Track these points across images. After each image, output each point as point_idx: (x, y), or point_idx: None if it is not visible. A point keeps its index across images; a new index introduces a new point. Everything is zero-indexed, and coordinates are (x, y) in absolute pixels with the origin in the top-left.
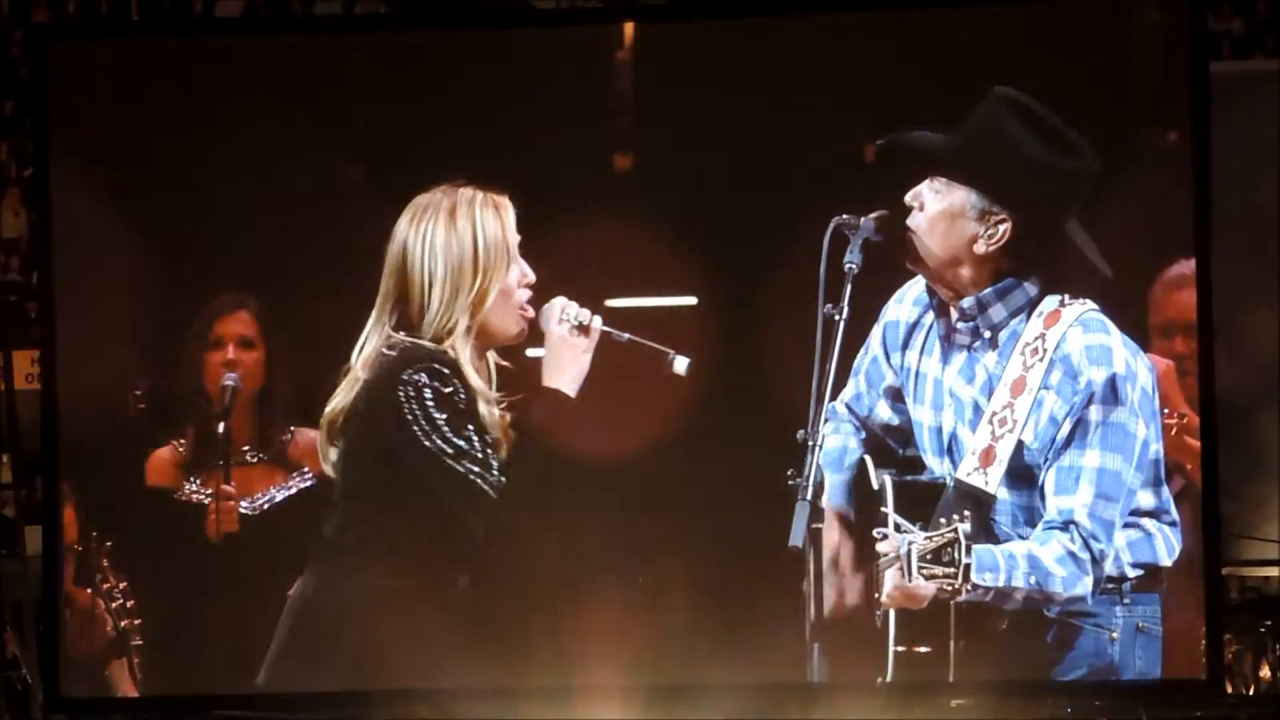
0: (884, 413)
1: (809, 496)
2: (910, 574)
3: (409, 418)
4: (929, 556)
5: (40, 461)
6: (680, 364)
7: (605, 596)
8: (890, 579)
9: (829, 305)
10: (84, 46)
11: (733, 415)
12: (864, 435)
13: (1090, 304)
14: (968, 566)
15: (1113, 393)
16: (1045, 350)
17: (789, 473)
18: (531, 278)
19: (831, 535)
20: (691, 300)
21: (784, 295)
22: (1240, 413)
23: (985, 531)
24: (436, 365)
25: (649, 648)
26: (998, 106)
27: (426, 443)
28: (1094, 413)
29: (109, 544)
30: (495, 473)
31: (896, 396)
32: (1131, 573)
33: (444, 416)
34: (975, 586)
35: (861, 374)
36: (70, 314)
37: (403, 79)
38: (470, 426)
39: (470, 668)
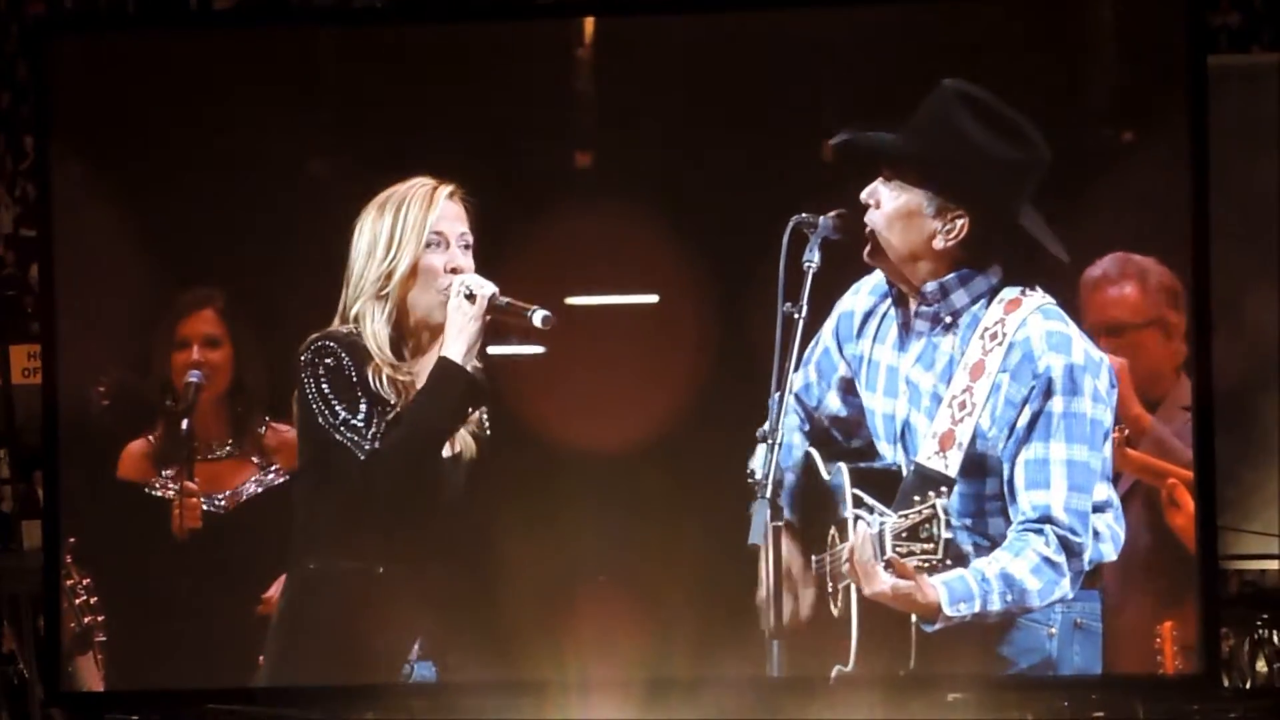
0: (833, 404)
1: (768, 494)
2: (883, 552)
3: (308, 397)
4: (904, 534)
5: (37, 456)
6: (538, 317)
7: (585, 594)
8: (862, 552)
9: (788, 303)
10: (78, 40)
11: (693, 413)
12: (809, 428)
13: (1049, 297)
14: (949, 542)
15: (1072, 382)
16: (1005, 335)
17: (749, 470)
18: (459, 264)
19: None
20: (653, 298)
21: (745, 293)
22: (1237, 396)
23: None
24: (324, 342)
25: (642, 643)
26: (947, 100)
27: (320, 420)
28: (1056, 404)
29: (73, 540)
30: (370, 438)
31: (848, 388)
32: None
33: (331, 391)
34: (949, 618)
35: (812, 364)
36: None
37: (368, 75)
38: (362, 398)
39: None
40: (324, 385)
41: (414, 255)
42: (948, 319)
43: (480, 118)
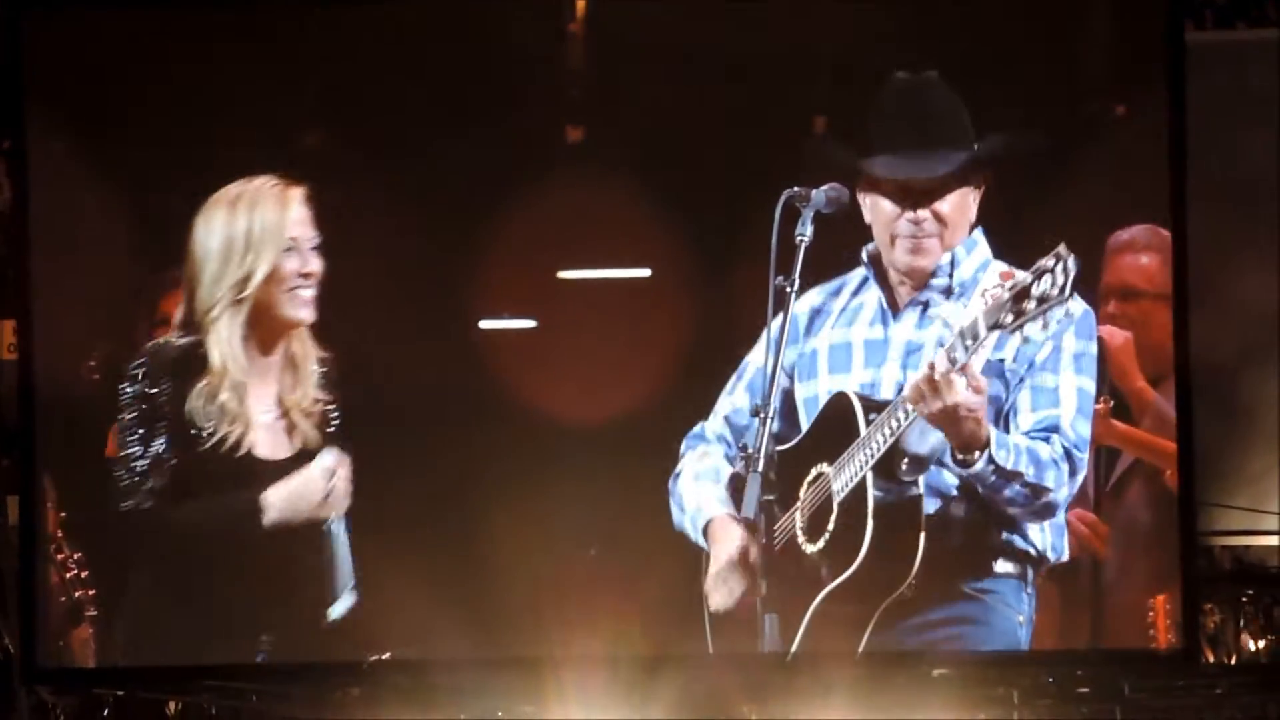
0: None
1: (760, 469)
2: (975, 340)
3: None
4: (1009, 299)
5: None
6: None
7: (576, 569)
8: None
9: (780, 277)
10: (56, 15)
11: (685, 386)
12: (733, 453)
13: None
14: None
15: (1087, 326)
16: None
17: (740, 445)
18: (310, 268)
19: (731, 533)
20: (645, 272)
21: (737, 267)
22: (1226, 373)
23: None
24: (140, 368)
25: (627, 619)
26: (931, 87)
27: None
28: (1069, 341)
29: (63, 515)
30: (149, 481)
31: (785, 400)
32: (1051, 555)
33: (132, 422)
34: (991, 459)
35: (742, 385)
36: (37, 284)
37: (356, 50)
38: (161, 429)
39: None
40: (126, 414)
41: (272, 260)
42: (957, 288)
43: (472, 93)
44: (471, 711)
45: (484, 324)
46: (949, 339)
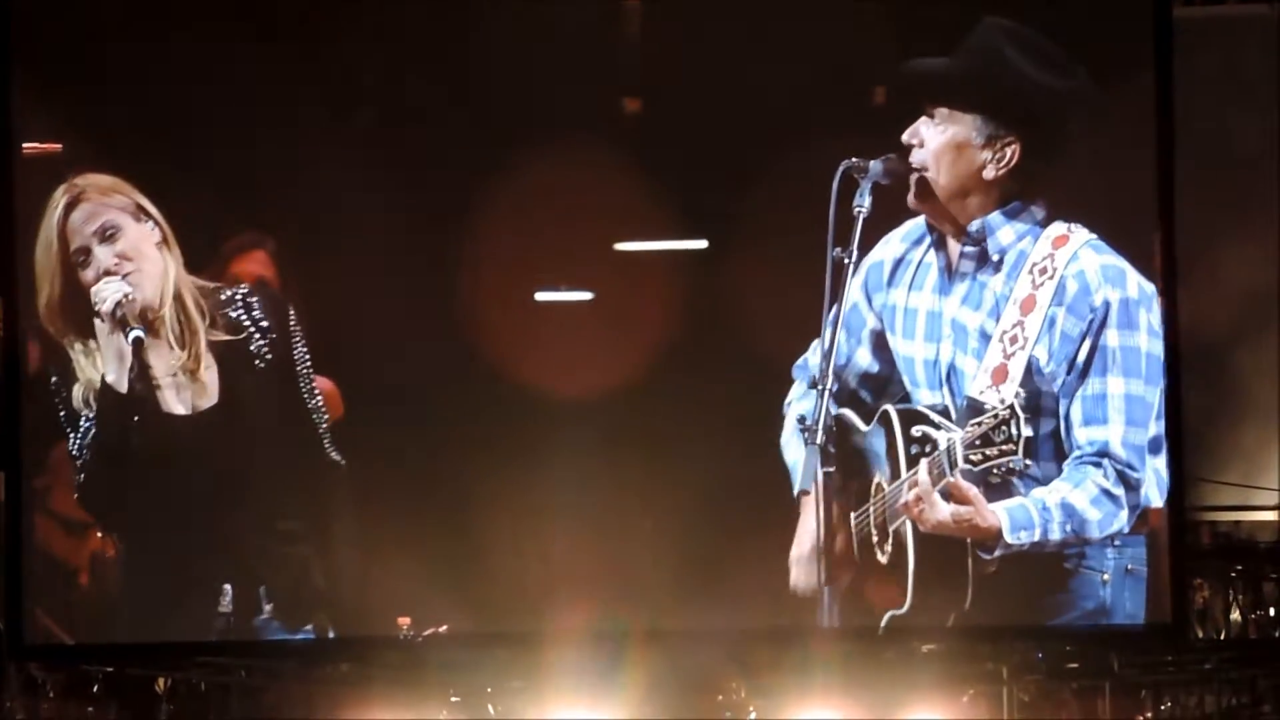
0: (863, 359)
1: (819, 441)
2: (952, 467)
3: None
4: (978, 441)
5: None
6: (131, 336)
7: (600, 538)
8: (922, 480)
9: (838, 248)
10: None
11: (742, 358)
12: (836, 388)
13: (1093, 233)
14: (1029, 440)
15: (1127, 316)
16: (1055, 269)
17: (799, 417)
18: (109, 265)
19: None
20: (702, 244)
21: (794, 238)
22: (1219, 348)
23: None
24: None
25: (632, 592)
26: (992, 34)
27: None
28: (1111, 337)
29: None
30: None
31: (878, 341)
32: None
33: (65, 418)
34: (1009, 545)
35: (839, 323)
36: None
37: (407, 24)
38: (82, 415)
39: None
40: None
41: (64, 281)
42: (995, 257)
43: (528, 64)
44: (460, 687)
45: (540, 295)
46: (941, 444)
